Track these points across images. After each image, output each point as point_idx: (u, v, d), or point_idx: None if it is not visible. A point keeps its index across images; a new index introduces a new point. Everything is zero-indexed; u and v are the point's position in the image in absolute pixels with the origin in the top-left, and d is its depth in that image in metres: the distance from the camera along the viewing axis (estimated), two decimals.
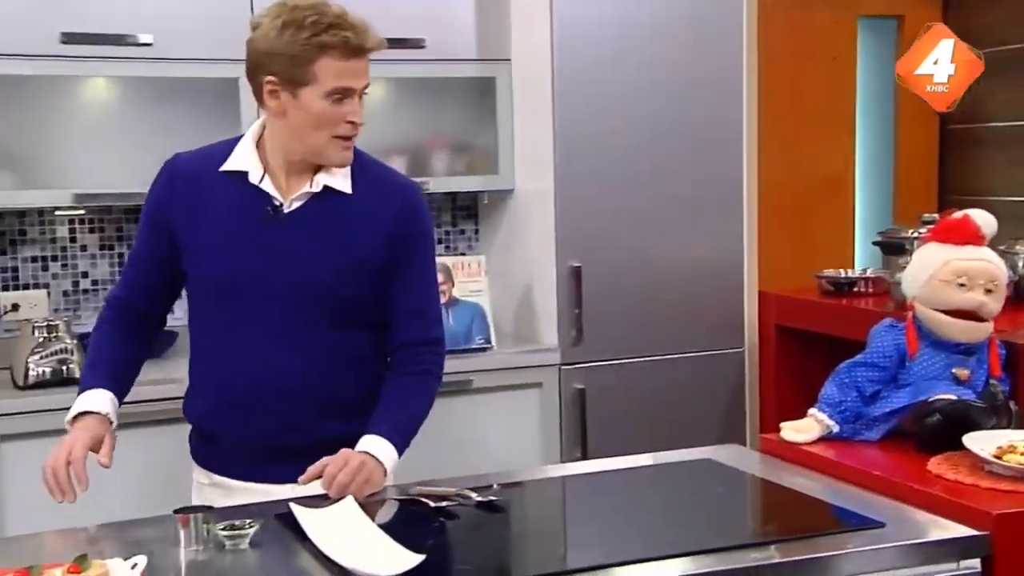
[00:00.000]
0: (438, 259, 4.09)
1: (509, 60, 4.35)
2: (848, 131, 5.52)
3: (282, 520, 2.26)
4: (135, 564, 1.97)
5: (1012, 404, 2.55)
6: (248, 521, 2.18)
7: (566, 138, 4.14)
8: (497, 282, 4.35)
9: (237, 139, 2.62)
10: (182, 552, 2.11)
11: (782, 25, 5.15)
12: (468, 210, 4.80)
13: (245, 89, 4.01)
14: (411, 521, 2.30)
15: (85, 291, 4.34)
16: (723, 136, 4.31)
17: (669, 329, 4.27)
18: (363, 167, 2.62)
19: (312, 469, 2.43)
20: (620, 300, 4.20)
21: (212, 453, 2.68)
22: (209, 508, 2.22)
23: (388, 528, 2.16)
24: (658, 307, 4.25)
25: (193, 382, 2.69)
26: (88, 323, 4.30)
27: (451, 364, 3.92)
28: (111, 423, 2.50)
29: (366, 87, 2.55)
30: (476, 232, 4.80)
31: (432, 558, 1.97)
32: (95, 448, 2.43)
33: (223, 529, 2.15)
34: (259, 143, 2.57)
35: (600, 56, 4.14)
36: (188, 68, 4.00)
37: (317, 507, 2.28)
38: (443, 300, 4.09)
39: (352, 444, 2.53)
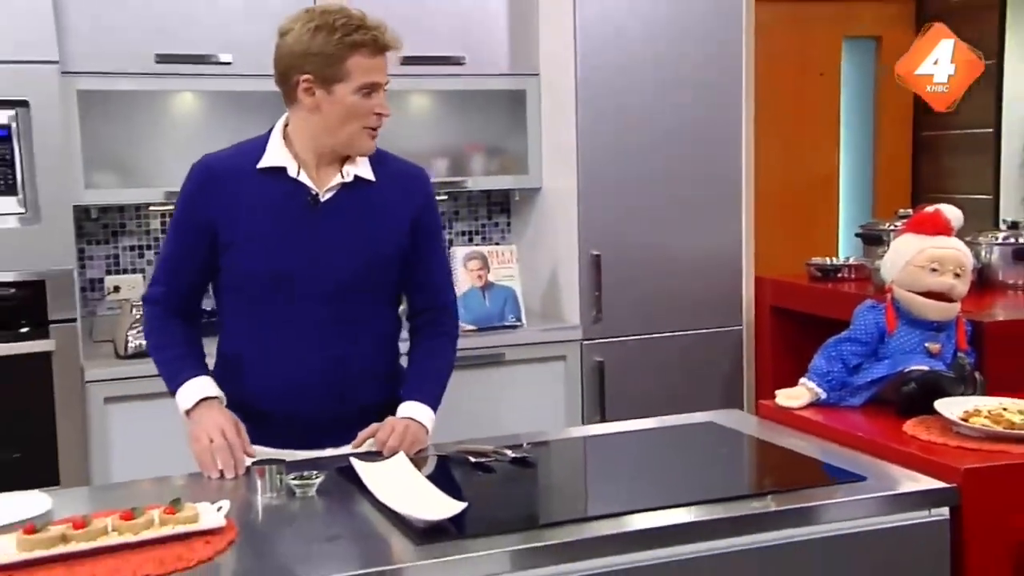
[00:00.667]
0: (475, 249, 4.17)
1: (538, 75, 4.36)
2: (833, 137, 5.54)
3: (343, 473, 2.26)
4: (220, 507, 1.99)
5: (977, 374, 2.55)
6: (315, 472, 2.20)
7: (587, 143, 4.15)
8: (527, 268, 4.38)
9: (261, 138, 2.56)
10: (259, 498, 2.13)
11: (776, 44, 5.15)
12: (501, 205, 4.80)
13: None
14: (454, 475, 2.30)
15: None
16: (724, 141, 4.31)
17: (677, 309, 4.27)
18: (379, 158, 2.58)
19: (363, 434, 2.46)
20: (635, 284, 4.21)
21: (259, 430, 2.50)
22: (281, 461, 2.22)
23: (434, 480, 2.17)
24: (668, 290, 4.26)
25: (235, 366, 2.55)
26: None
27: (486, 339, 4.02)
28: (224, 402, 2.47)
29: (388, 83, 2.50)
30: (508, 225, 4.81)
31: (473, 506, 1.98)
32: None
33: (293, 479, 2.16)
34: (285, 140, 2.53)
35: (617, 71, 4.15)
36: (260, 83, 3.97)
37: (373, 462, 2.28)
38: (479, 284, 4.14)
39: (384, 410, 2.54)
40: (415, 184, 2.62)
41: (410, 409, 2.53)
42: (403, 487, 2.12)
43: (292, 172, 2.47)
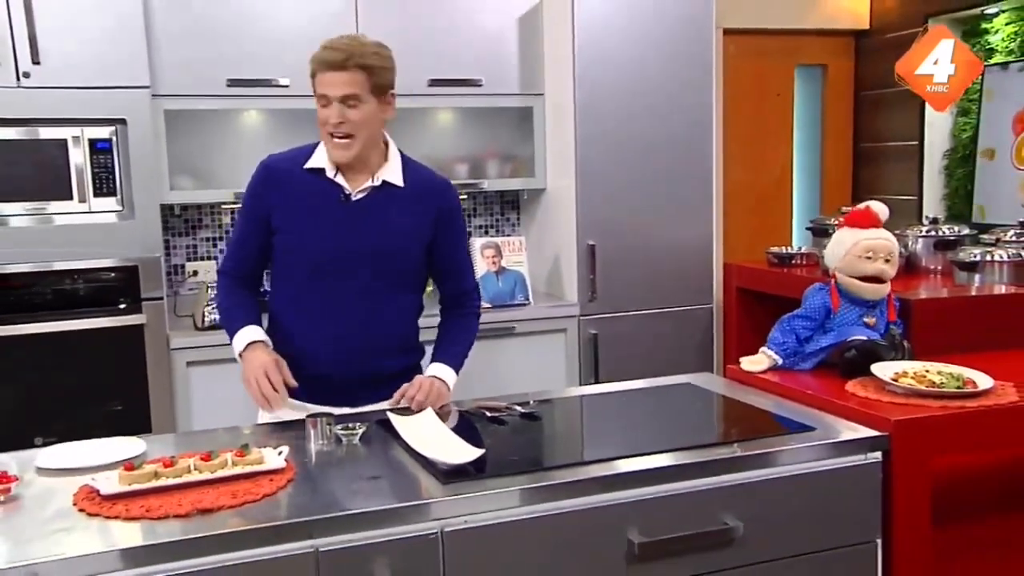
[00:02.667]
0: (490, 239, 4.18)
1: (543, 94, 4.35)
2: (787, 146, 5.53)
3: (381, 424, 2.27)
4: (281, 451, 2.01)
5: (905, 343, 2.55)
6: (358, 424, 2.20)
7: (584, 151, 4.14)
8: (533, 256, 4.38)
9: (313, 145, 2.51)
10: (312, 444, 2.14)
11: (740, 70, 5.18)
12: (512, 203, 4.80)
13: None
14: (473, 427, 2.29)
15: None
16: (698, 149, 4.29)
17: (659, 290, 4.26)
18: (409, 168, 2.53)
19: (397, 394, 2.44)
20: (624, 269, 4.20)
21: (303, 388, 2.46)
22: (330, 414, 2.20)
23: (457, 431, 2.17)
24: (651, 274, 4.25)
25: (283, 332, 2.52)
26: None
27: (499, 315, 4.03)
28: (270, 347, 2.47)
29: (348, 97, 2.34)
30: (518, 219, 4.81)
31: (489, 452, 1.99)
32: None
33: (340, 429, 2.17)
34: None
35: (609, 91, 4.14)
36: (311, 102, 4.01)
37: (406, 416, 2.28)
38: (494, 269, 4.14)
39: (408, 373, 2.53)
40: (438, 192, 2.55)
41: (436, 369, 2.53)
42: (431, 436, 2.12)
43: (330, 174, 2.44)
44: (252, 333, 2.47)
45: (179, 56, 3.81)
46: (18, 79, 3.40)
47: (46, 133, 3.48)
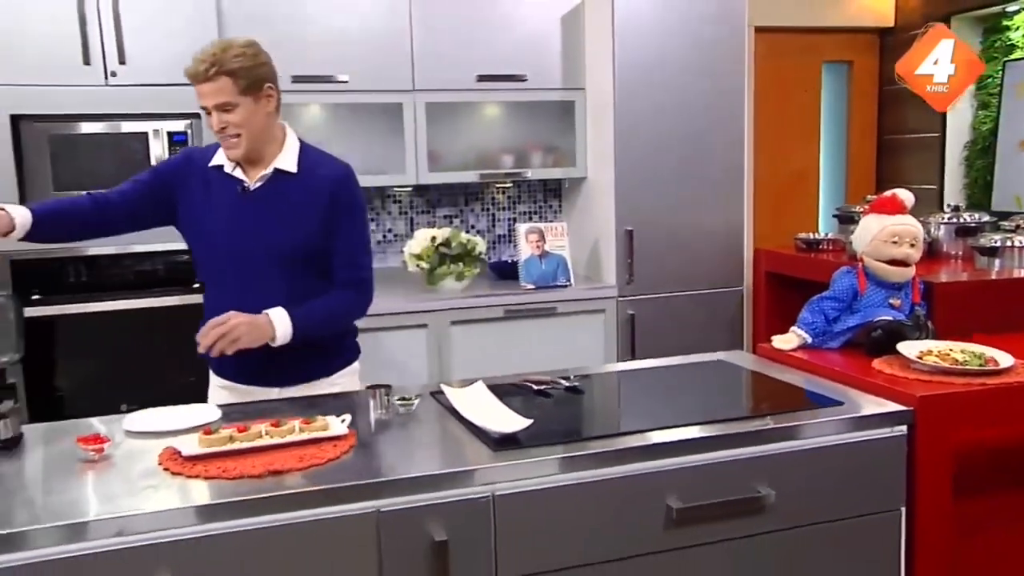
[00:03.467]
0: (534, 225, 4.17)
1: (584, 89, 4.34)
2: (814, 139, 5.48)
3: (435, 396, 2.28)
4: (344, 419, 2.03)
5: (929, 323, 2.53)
6: (415, 395, 2.21)
7: (622, 142, 4.12)
8: (574, 240, 4.37)
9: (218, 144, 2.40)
10: (371, 414, 2.15)
11: (770, 66, 5.14)
12: (554, 191, 4.80)
13: (408, 109, 4.12)
14: (521, 399, 2.27)
15: None
16: (730, 142, 4.26)
17: (693, 273, 4.25)
18: (308, 155, 2.41)
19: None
20: (659, 253, 4.19)
21: (222, 364, 2.45)
22: (388, 385, 2.18)
23: (506, 402, 2.15)
24: (685, 258, 4.23)
25: (210, 315, 2.31)
26: None
27: (542, 296, 4.04)
28: (11, 217, 2.17)
29: (222, 104, 2.25)
30: (560, 206, 4.80)
31: (536, 422, 1.99)
32: None
33: (398, 400, 2.17)
34: None
35: (646, 86, 4.12)
36: (370, 97, 4.05)
37: (460, 388, 2.26)
38: (538, 253, 4.14)
39: (328, 354, 2.46)
40: (332, 178, 2.38)
41: (273, 311, 2.30)
42: (482, 407, 2.12)
43: (228, 169, 2.37)
44: (16, 208, 2.24)
45: None
46: (106, 78, 3.47)
47: (128, 127, 3.54)
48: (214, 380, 2.54)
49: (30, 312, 3.46)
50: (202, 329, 2.23)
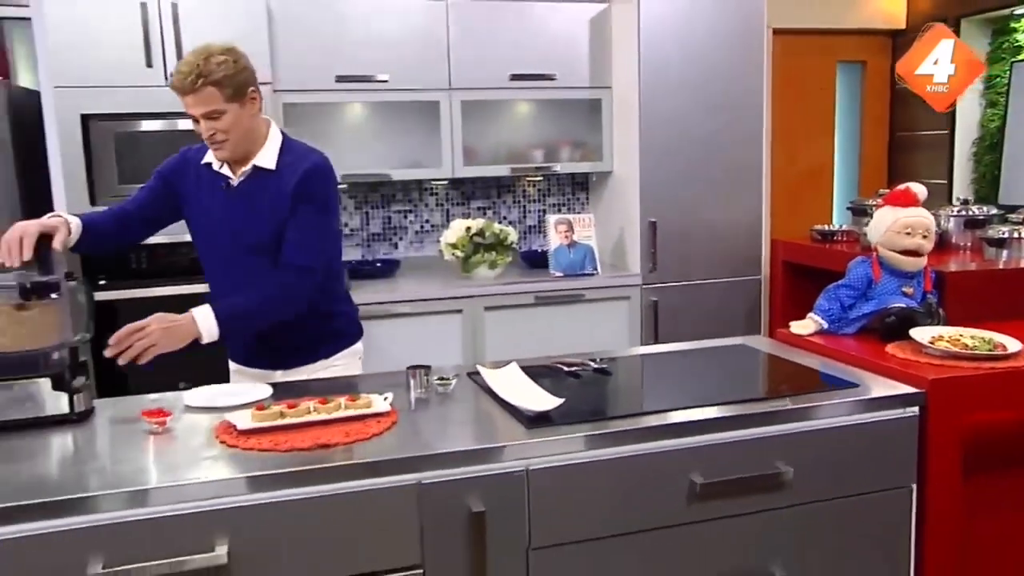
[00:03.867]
0: (562, 216, 4.16)
1: (610, 87, 4.31)
2: (829, 135, 5.43)
3: (472, 377, 2.27)
4: (387, 397, 2.02)
5: (940, 311, 2.50)
6: (452, 375, 2.21)
7: (647, 138, 4.10)
8: (601, 231, 4.36)
9: None
10: (412, 392, 2.14)
11: (787, 66, 5.10)
12: (582, 184, 4.78)
13: (444, 106, 4.12)
14: (552, 379, 2.25)
15: (348, 233, 4.47)
16: (748, 138, 4.23)
17: (713, 262, 4.23)
18: (287, 150, 2.34)
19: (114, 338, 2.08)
20: (681, 244, 4.17)
21: (234, 349, 2.50)
22: (428, 366, 2.18)
23: (538, 383, 2.15)
24: (706, 248, 4.21)
25: (211, 302, 2.25)
26: (345, 252, 4.43)
27: (571, 283, 4.04)
28: (68, 224, 2.17)
29: (209, 113, 2.22)
30: (587, 199, 4.78)
31: (568, 401, 1.99)
32: (48, 233, 2.09)
33: (437, 380, 2.17)
34: None
35: (670, 85, 4.10)
36: (408, 95, 4.05)
37: (495, 369, 2.24)
38: (566, 242, 4.13)
39: (292, 334, 2.36)
40: (297, 170, 2.28)
41: (198, 309, 2.18)
42: (516, 387, 2.12)
43: (216, 167, 2.35)
44: (68, 215, 2.25)
45: (295, 56, 3.85)
46: (166, 79, 3.48)
47: (184, 125, 3.56)
48: (231, 364, 2.55)
49: (97, 296, 3.50)
50: (118, 332, 2.06)
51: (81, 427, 1.97)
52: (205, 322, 2.15)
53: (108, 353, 2.03)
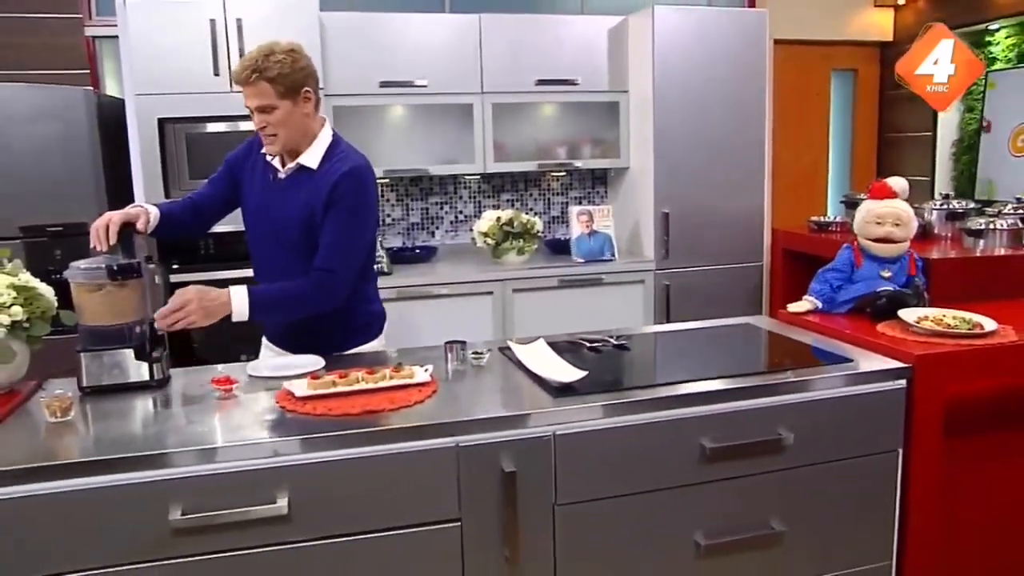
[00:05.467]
0: (583, 207, 4.14)
1: (627, 91, 4.28)
2: (824, 136, 5.39)
3: (503, 351, 2.27)
4: (427, 369, 2.01)
5: (926, 294, 2.47)
6: (486, 350, 2.20)
7: (660, 137, 4.07)
8: (618, 221, 4.33)
9: None
10: (449, 365, 2.14)
11: (787, 74, 5.06)
12: (601, 179, 4.75)
13: (477, 109, 4.11)
14: (575, 354, 2.24)
15: (390, 223, 4.48)
16: (752, 137, 4.19)
17: (719, 250, 4.19)
18: (333, 151, 2.23)
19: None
20: (691, 232, 4.14)
21: (270, 332, 2.41)
22: (463, 341, 2.17)
23: (563, 356, 2.15)
24: (713, 237, 4.17)
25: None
26: (388, 240, 4.44)
27: (591, 268, 4.02)
28: (148, 213, 2.18)
29: (263, 106, 2.13)
30: (606, 192, 4.75)
31: (591, 373, 1.99)
32: (131, 221, 2.09)
33: (471, 354, 2.16)
34: None
35: (682, 89, 4.06)
36: (444, 99, 4.04)
37: (524, 344, 2.22)
38: (587, 231, 4.12)
39: (318, 325, 2.26)
40: (332, 177, 2.15)
41: (233, 287, 2.11)
42: (543, 360, 2.12)
43: (270, 158, 2.26)
44: (148, 205, 2.24)
45: (344, 64, 3.85)
46: (231, 86, 3.50)
47: (245, 126, 3.58)
48: (264, 340, 2.45)
49: (172, 278, 3.55)
50: (161, 310, 2.03)
51: (160, 392, 2.00)
52: (239, 303, 2.08)
53: (158, 326, 2.02)
